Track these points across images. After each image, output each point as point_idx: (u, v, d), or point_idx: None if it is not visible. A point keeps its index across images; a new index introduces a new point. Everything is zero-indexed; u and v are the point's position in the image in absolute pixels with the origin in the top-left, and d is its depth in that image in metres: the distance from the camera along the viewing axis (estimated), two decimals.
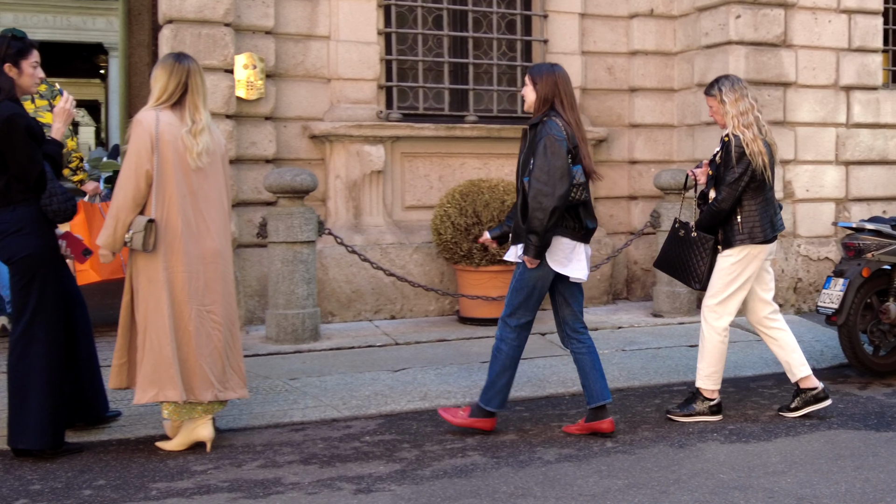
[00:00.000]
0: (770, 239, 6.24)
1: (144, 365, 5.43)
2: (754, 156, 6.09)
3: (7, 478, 5.10)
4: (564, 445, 5.65)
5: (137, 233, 5.33)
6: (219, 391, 5.54)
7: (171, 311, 5.41)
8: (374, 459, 5.41)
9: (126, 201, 5.37)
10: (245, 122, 8.66)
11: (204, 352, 5.49)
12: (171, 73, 5.51)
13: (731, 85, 6.24)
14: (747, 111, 6.19)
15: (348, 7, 9.18)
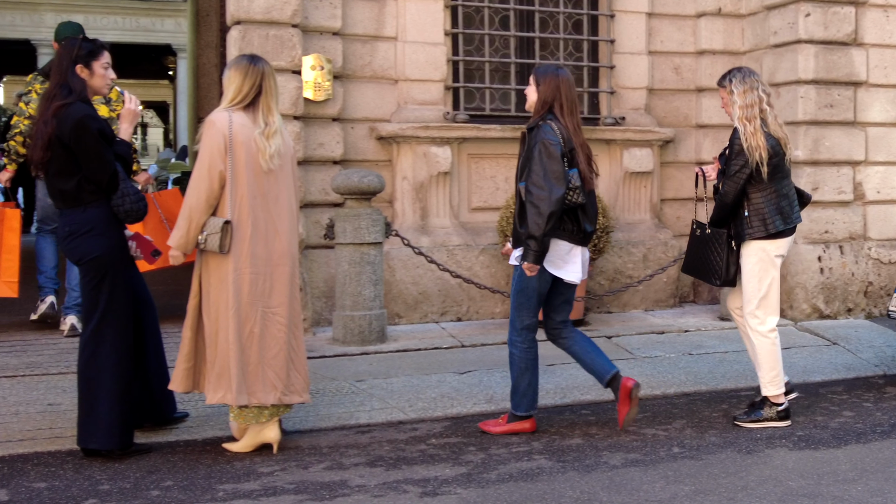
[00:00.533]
0: (781, 232, 6.21)
1: (216, 366, 5.47)
2: (751, 150, 6.08)
3: (77, 477, 5.17)
4: (630, 450, 5.64)
5: (213, 234, 5.36)
6: (283, 395, 5.56)
7: (237, 312, 5.43)
8: (439, 462, 5.44)
9: (199, 202, 5.39)
10: (313, 123, 8.72)
11: (268, 354, 5.52)
12: (245, 74, 5.54)
13: (743, 77, 6.25)
14: (753, 104, 6.17)
15: (415, 8, 9.21)
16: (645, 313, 9.68)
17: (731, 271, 6.33)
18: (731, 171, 6.19)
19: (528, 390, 6.01)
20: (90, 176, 5.42)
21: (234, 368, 5.41)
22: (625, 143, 9.75)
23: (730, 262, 6.30)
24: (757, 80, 6.25)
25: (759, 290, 6.23)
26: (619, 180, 9.80)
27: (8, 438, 5.73)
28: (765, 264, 6.22)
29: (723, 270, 6.33)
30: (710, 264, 6.39)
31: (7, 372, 7.09)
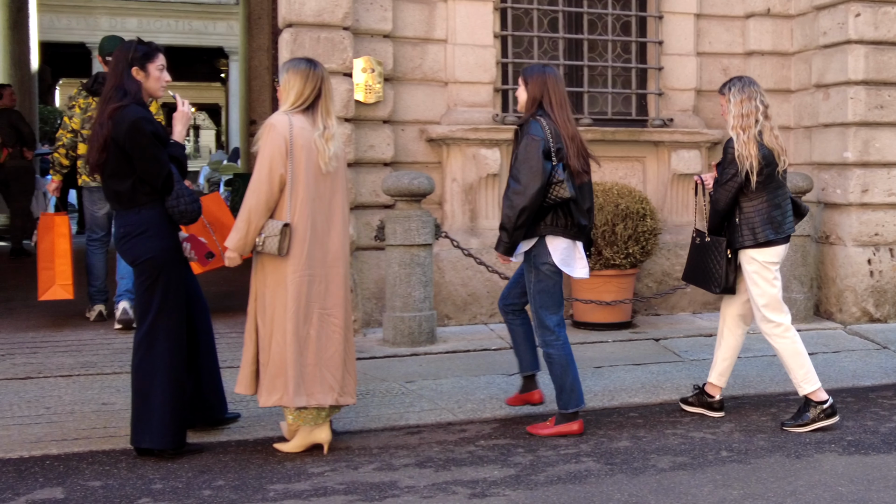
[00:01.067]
0: (770, 241, 6.22)
1: (270, 368, 5.48)
2: (742, 158, 6.10)
3: (130, 476, 5.20)
4: (679, 453, 5.60)
5: (272, 237, 5.36)
6: (339, 396, 5.57)
7: (295, 314, 5.43)
8: (488, 464, 5.42)
9: (259, 205, 5.39)
10: (363, 125, 8.73)
11: (325, 355, 5.51)
12: (307, 78, 5.53)
13: (742, 87, 6.26)
14: (750, 114, 6.18)
15: (465, 10, 9.20)
16: (693, 316, 9.61)
17: (730, 279, 6.37)
18: (723, 180, 6.23)
19: (574, 385, 6.02)
20: (145, 177, 5.43)
21: (292, 370, 5.41)
22: (673, 145, 9.68)
23: (728, 269, 6.33)
24: (756, 90, 6.27)
25: (762, 297, 6.26)
26: (666, 182, 9.74)
27: (64, 437, 5.78)
28: (760, 271, 6.25)
29: (722, 279, 6.36)
30: (710, 272, 6.42)
31: (63, 371, 7.19)
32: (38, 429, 5.93)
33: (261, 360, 5.54)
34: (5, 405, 6.40)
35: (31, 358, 7.57)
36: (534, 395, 6.38)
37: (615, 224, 8.54)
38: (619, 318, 8.82)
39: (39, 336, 8.30)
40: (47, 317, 9.13)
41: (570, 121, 6.02)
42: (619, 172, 9.58)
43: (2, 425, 5.99)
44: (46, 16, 26.13)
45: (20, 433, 5.84)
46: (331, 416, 5.65)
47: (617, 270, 8.57)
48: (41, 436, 5.80)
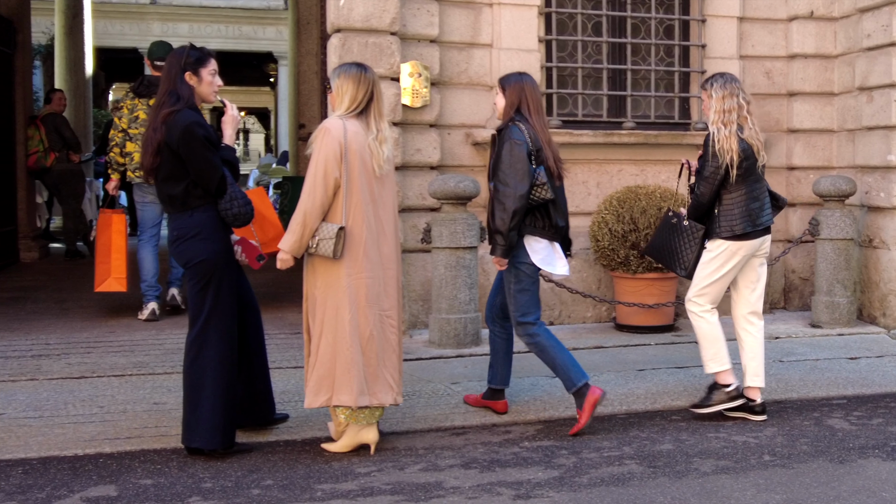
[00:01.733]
0: (748, 234, 6.34)
1: (316, 370, 5.48)
2: (723, 153, 6.23)
3: (181, 475, 5.23)
4: (721, 457, 5.55)
5: (326, 240, 5.37)
6: (397, 395, 5.59)
7: (354, 316, 5.44)
8: (532, 465, 5.41)
9: (314, 208, 5.40)
10: (410, 129, 8.74)
11: (384, 356, 5.53)
12: (359, 83, 5.55)
13: (724, 83, 6.37)
14: (731, 110, 6.29)
15: (510, 15, 9.20)
16: None
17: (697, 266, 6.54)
18: (706, 174, 6.35)
19: (568, 361, 6.15)
20: (199, 181, 5.45)
21: (355, 371, 5.42)
22: None
23: (699, 257, 6.50)
24: (738, 87, 6.38)
25: (705, 280, 6.43)
26: None
27: (116, 436, 5.83)
28: (721, 260, 6.38)
29: (690, 263, 6.55)
30: (679, 254, 6.59)
31: (116, 371, 7.26)
32: (92, 427, 5.98)
33: (309, 361, 5.56)
34: (60, 404, 6.46)
35: (86, 358, 7.65)
36: (498, 404, 6.43)
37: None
38: (661, 321, 8.78)
39: (93, 336, 8.37)
40: (101, 317, 9.22)
41: (546, 125, 6.24)
42: (662, 176, 9.52)
43: (57, 423, 6.05)
44: (100, 22, 26.31)
45: (75, 431, 5.90)
46: (379, 417, 5.66)
47: (659, 273, 8.52)
48: (95, 434, 5.85)
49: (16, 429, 5.94)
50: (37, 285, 11.19)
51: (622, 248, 8.55)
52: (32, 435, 5.83)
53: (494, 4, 9.18)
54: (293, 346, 7.75)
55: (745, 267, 6.47)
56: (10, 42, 12.89)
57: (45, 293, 10.60)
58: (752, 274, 6.52)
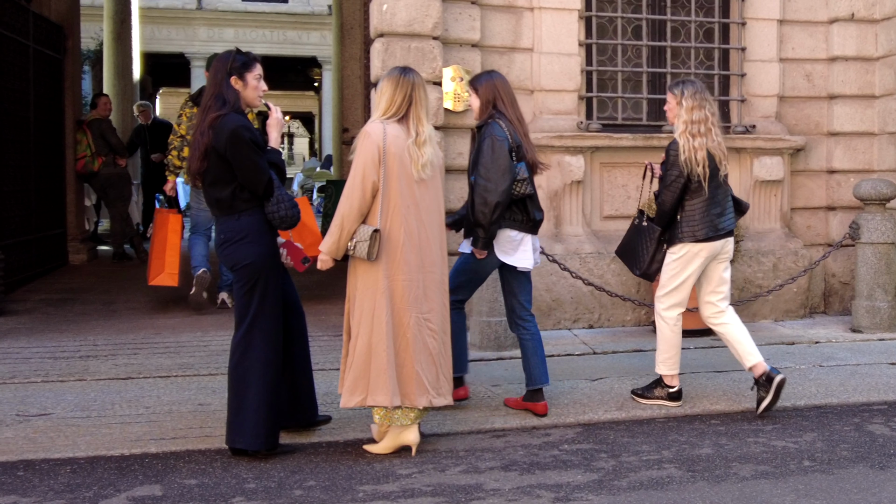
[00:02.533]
0: (709, 238, 6.46)
1: (352, 370, 5.49)
2: (691, 162, 6.35)
3: (225, 476, 5.24)
4: (761, 462, 5.49)
5: (362, 242, 5.38)
6: (433, 398, 5.56)
7: (390, 318, 5.44)
8: (572, 468, 5.38)
9: (352, 211, 5.41)
10: (452, 133, 8.74)
11: (420, 358, 5.51)
12: (397, 86, 5.55)
13: (695, 92, 6.48)
14: (701, 121, 6.40)
15: (551, 19, 9.17)
16: (775, 324, 9.46)
17: (652, 267, 6.72)
18: (668, 181, 6.47)
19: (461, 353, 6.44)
20: (246, 184, 5.44)
21: (389, 372, 5.42)
22: (755, 152, 9.54)
23: (655, 258, 6.66)
24: (707, 97, 6.51)
25: (669, 283, 6.60)
26: (748, 189, 9.59)
27: (162, 436, 5.86)
28: (683, 263, 6.53)
29: (645, 263, 6.73)
30: (637, 254, 6.77)
31: (161, 372, 7.30)
32: (138, 427, 6.02)
33: (347, 361, 5.57)
34: (108, 404, 6.51)
35: (132, 359, 7.70)
36: (538, 406, 6.43)
37: None
38: (700, 325, 8.55)
39: (140, 338, 8.43)
40: (148, 319, 9.29)
41: (521, 119, 6.35)
42: None
43: (104, 423, 6.09)
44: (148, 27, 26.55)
45: (121, 431, 5.93)
46: (419, 419, 5.65)
47: None
48: (141, 434, 5.88)
49: (64, 428, 5.99)
50: (85, 287, 11.28)
51: None
52: (80, 434, 5.87)
53: (535, 9, 9.16)
54: (336, 348, 7.76)
55: (707, 271, 6.64)
56: (59, 47, 13.02)
57: (93, 295, 10.69)
58: (716, 279, 6.67)
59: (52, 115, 12.63)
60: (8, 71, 10.54)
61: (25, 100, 11.33)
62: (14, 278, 10.53)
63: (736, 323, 6.71)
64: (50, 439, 5.78)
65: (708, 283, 6.68)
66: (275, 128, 5.76)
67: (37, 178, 11.75)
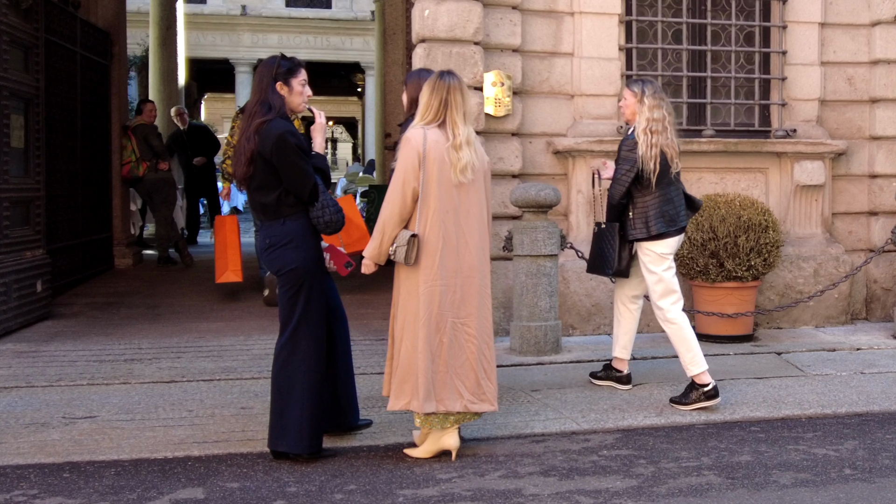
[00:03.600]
0: (664, 234, 6.65)
1: (397, 374, 5.51)
2: (648, 159, 6.56)
3: (266, 479, 5.25)
4: (801, 469, 5.43)
5: (401, 246, 5.39)
6: (470, 403, 5.53)
7: (427, 323, 5.44)
8: (611, 474, 5.35)
9: (392, 216, 5.43)
10: (493, 138, 8.73)
11: (455, 363, 5.49)
12: (432, 90, 5.54)
13: (654, 92, 6.69)
14: (660, 120, 6.61)
15: (591, 24, 9.14)
16: (815, 330, 9.35)
17: (623, 262, 6.86)
18: (618, 175, 6.70)
19: None
20: (291, 189, 5.44)
21: (423, 377, 5.41)
22: (796, 156, 9.44)
23: (622, 254, 6.80)
24: (663, 97, 6.73)
25: (656, 285, 6.74)
26: (789, 194, 9.49)
27: (204, 439, 5.89)
28: (655, 261, 6.71)
29: (614, 261, 6.85)
30: (605, 256, 6.90)
31: (205, 376, 7.34)
32: (181, 431, 6.05)
33: (393, 364, 5.58)
34: (151, 407, 6.56)
35: (176, 362, 7.75)
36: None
37: (737, 236, 8.37)
38: (740, 330, 8.64)
39: (183, 342, 8.49)
40: (191, 323, 9.34)
41: None
42: (742, 184, 9.39)
43: (148, 426, 6.13)
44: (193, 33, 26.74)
45: (165, 434, 5.97)
46: (460, 423, 5.63)
47: (738, 283, 8.40)
48: (184, 437, 5.92)
49: (109, 431, 6.04)
50: (130, 291, 11.37)
51: (701, 257, 8.44)
52: (124, 437, 5.92)
53: (576, 13, 9.13)
54: (377, 353, 7.77)
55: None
56: (106, 53, 13.15)
57: (138, 299, 10.78)
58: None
59: (98, 121, 12.75)
60: (56, 77, 10.65)
61: (73, 105, 11.44)
62: (61, 282, 10.64)
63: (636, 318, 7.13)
64: (95, 441, 5.83)
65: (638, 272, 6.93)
66: (319, 132, 5.78)
67: (84, 183, 11.86)
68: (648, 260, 6.70)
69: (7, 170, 8.59)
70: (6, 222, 8.51)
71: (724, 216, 8.44)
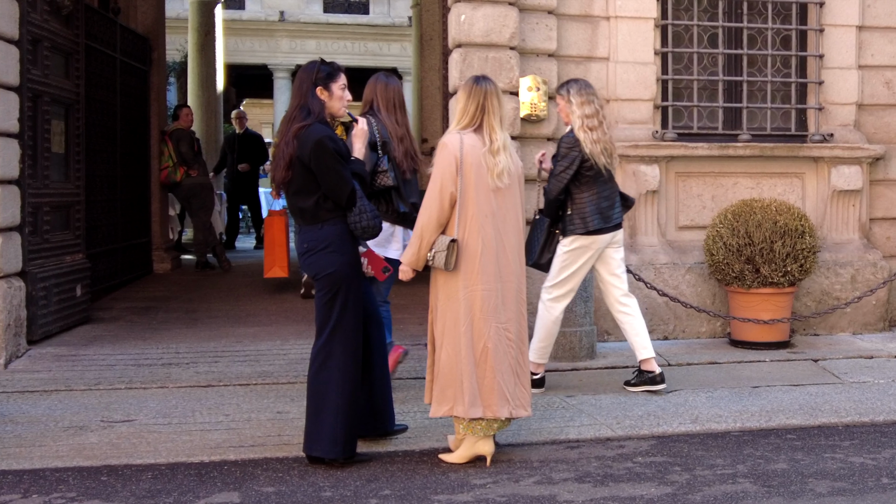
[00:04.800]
0: (599, 230, 6.88)
1: (440, 379, 5.50)
2: (596, 154, 6.79)
3: (302, 484, 5.25)
4: (838, 478, 5.37)
5: (440, 252, 5.39)
6: (512, 408, 5.53)
7: (469, 328, 5.43)
8: (645, 481, 5.31)
9: (430, 221, 5.43)
10: (528, 142, 8.69)
11: (501, 368, 5.48)
12: (469, 95, 5.55)
13: (580, 89, 6.91)
14: (593, 115, 6.84)
15: (627, 28, 9.09)
16: (853, 337, 9.23)
17: (544, 257, 7.05)
18: (557, 171, 6.89)
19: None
20: (329, 194, 5.45)
21: (468, 382, 5.40)
22: (832, 161, 9.34)
23: (546, 249, 6.96)
24: (592, 92, 6.94)
25: (559, 274, 7.01)
26: (826, 199, 9.40)
27: (241, 443, 5.90)
28: (574, 256, 6.95)
29: (536, 253, 7.03)
30: (531, 246, 7.00)
31: (241, 380, 7.37)
32: (218, 435, 6.08)
33: (432, 370, 5.58)
34: (188, 411, 6.59)
35: (213, 367, 7.79)
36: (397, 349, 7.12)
37: (773, 241, 8.29)
38: (776, 337, 8.55)
39: (220, 346, 8.52)
40: (228, 327, 9.37)
41: (399, 123, 6.76)
42: (778, 189, 9.30)
43: (185, 430, 6.17)
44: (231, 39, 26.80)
45: (201, 438, 6.01)
46: (501, 429, 5.63)
47: (774, 288, 8.32)
48: (220, 442, 5.94)
49: (146, 434, 6.08)
50: (168, 296, 11.43)
51: (737, 263, 8.36)
52: (162, 441, 5.95)
53: (611, 18, 9.09)
54: (413, 358, 7.75)
55: (602, 258, 7.06)
56: (145, 59, 13.25)
57: (176, 303, 10.83)
58: (613, 263, 7.10)
59: (137, 126, 12.85)
60: (96, 82, 10.73)
61: (112, 111, 11.52)
62: (100, 286, 10.71)
63: (638, 316, 7.15)
64: (132, 445, 5.87)
65: (606, 270, 7.12)
66: (359, 138, 5.79)
67: (123, 188, 11.95)
68: (568, 250, 6.95)
69: (48, 175, 8.66)
70: (46, 227, 8.58)
71: (759, 221, 8.36)
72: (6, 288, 7.62)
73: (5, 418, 6.43)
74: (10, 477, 5.34)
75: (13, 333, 7.76)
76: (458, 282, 5.45)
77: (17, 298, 7.81)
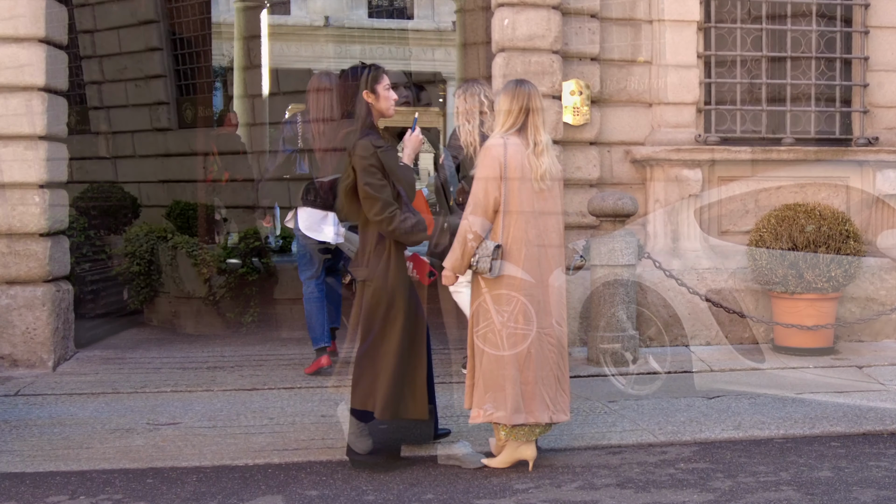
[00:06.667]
0: None
1: (480, 385, 5.48)
2: (466, 145, 7.22)
3: (345, 487, 5.26)
4: (883, 486, 5.29)
5: (484, 257, 5.36)
6: (553, 413, 5.51)
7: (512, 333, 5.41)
8: (687, 487, 5.27)
9: (474, 226, 5.41)
10: (571, 146, 8.68)
11: (542, 374, 5.47)
12: (513, 98, 5.51)
13: (466, 87, 7.40)
14: (472, 109, 7.27)
15: (670, 32, 9.02)
16: None
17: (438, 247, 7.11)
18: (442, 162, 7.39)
19: (317, 324, 7.61)
20: (364, 202, 5.43)
21: (511, 388, 5.39)
22: (878, 165, 9.22)
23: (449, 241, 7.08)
24: (480, 87, 7.35)
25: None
26: (871, 203, 9.28)
27: (285, 447, 5.93)
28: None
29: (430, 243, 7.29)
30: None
31: (286, 384, 7.41)
32: (262, 438, 6.11)
33: (474, 376, 5.55)
34: (233, 415, 6.63)
35: (258, 370, 7.83)
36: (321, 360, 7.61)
37: (817, 246, 8.20)
38: (820, 343, 8.45)
39: (265, 350, 8.58)
40: (272, 331, 9.44)
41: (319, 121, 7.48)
42: (822, 193, 9.20)
43: (229, 433, 6.20)
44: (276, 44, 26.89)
45: (246, 442, 6.03)
46: (542, 434, 5.62)
47: (818, 294, 8.23)
48: (264, 445, 5.97)
49: (191, 437, 6.12)
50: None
51: (780, 268, 8.28)
52: (206, 444, 5.99)
53: (654, 21, 9.04)
54: (456, 362, 7.76)
55: None
56: None
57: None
58: None
59: None
60: None
61: None
62: None
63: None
64: (178, 448, 5.92)
65: None
66: (409, 145, 5.72)
67: None
68: None
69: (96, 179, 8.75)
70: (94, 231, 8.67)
71: (803, 226, 8.28)
72: (55, 291, 7.70)
73: (53, 420, 6.50)
74: (58, 478, 5.40)
75: (61, 336, 7.85)
76: (501, 286, 5.42)
77: (65, 302, 7.89)
